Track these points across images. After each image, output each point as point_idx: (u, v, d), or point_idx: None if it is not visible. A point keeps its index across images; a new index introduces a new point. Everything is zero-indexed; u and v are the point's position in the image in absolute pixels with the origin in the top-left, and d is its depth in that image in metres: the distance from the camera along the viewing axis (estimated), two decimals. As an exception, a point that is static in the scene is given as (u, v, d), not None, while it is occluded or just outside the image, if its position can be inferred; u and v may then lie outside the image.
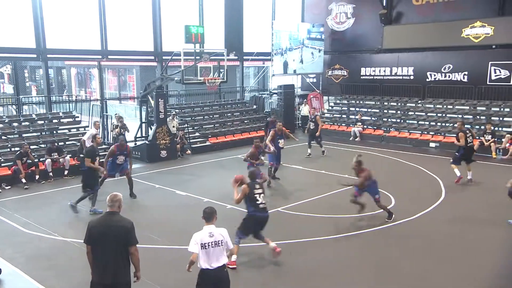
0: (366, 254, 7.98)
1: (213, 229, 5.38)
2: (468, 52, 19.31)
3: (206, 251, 5.22)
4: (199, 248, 5.21)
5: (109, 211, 5.13)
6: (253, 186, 7.52)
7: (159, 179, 13.23)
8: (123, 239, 4.99)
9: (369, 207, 10.25)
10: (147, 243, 8.39)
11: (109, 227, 4.99)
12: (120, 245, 4.98)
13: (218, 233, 5.36)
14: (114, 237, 4.95)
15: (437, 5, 20.46)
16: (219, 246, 5.30)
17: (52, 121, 15.45)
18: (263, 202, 7.53)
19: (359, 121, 20.30)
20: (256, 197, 7.46)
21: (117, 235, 4.96)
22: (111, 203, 5.13)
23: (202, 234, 5.33)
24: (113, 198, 5.17)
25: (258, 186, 7.60)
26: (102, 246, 4.95)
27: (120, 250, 5.00)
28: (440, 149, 17.32)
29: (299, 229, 9.10)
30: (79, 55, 18.75)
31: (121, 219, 5.13)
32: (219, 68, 16.56)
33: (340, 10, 23.91)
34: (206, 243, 5.24)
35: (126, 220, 5.14)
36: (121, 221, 5.10)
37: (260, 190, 7.57)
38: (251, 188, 7.47)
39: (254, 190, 7.46)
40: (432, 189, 11.83)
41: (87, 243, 5.03)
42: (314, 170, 14.12)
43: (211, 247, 5.24)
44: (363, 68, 22.85)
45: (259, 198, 7.48)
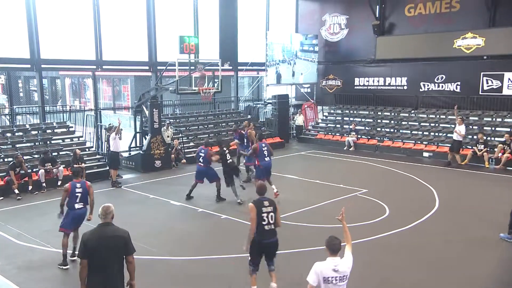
0: (359, 265, 7.95)
1: (338, 262, 4.72)
2: (460, 62, 19.52)
3: (327, 286, 4.65)
4: (320, 282, 4.64)
5: (103, 223, 5.10)
6: (260, 203, 6.32)
7: (153, 189, 13.17)
8: (122, 249, 5.00)
9: (364, 217, 10.26)
10: (141, 254, 8.32)
11: (106, 238, 4.96)
12: (118, 255, 4.99)
13: (344, 267, 4.72)
14: (112, 248, 4.92)
15: (429, 16, 20.73)
16: (344, 281, 4.71)
17: (46, 131, 15.38)
18: (271, 223, 6.30)
19: (353, 131, 20.39)
20: (263, 217, 6.25)
21: (115, 246, 4.95)
22: (104, 215, 5.12)
23: (324, 266, 4.68)
24: (106, 209, 5.16)
25: (268, 203, 6.34)
26: (99, 258, 4.88)
27: (118, 261, 4.99)
28: (434, 159, 17.41)
29: (294, 239, 9.07)
30: (74, 65, 18.74)
31: (117, 229, 5.13)
32: (214, 78, 16.61)
33: (333, 21, 24.15)
34: (329, 277, 4.64)
35: (121, 230, 5.13)
36: (117, 231, 5.09)
37: (270, 209, 6.31)
38: (258, 206, 6.28)
39: (262, 208, 6.27)
40: (425, 199, 11.87)
41: (82, 257, 4.94)
42: (308, 180, 14.13)
43: (334, 283, 4.65)
44: (356, 78, 23.01)
45: (267, 218, 6.26)
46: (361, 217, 10.24)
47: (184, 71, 15.77)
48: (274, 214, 6.30)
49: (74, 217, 7.79)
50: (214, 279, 7.36)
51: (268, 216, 6.25)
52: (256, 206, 6.24)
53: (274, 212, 6.31)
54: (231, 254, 8.27)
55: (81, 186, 7.80)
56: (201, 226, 9.96)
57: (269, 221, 6.25)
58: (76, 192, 7.73)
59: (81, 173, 8.35)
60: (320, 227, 9.73)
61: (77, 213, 7.79)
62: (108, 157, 14.61)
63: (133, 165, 15.77)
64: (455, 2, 19.81)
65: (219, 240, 9.08)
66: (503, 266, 8.00)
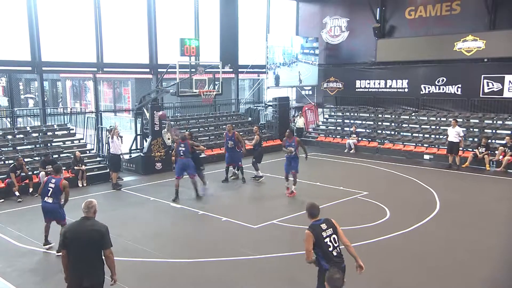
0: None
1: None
2: (461, 65, 19.54)
3: None
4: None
5: (84, 217, 5.31)
6: (317, 228, 5.42)
7: (154, 191, 13.17)
8: (97, 243, 5.15)
9: (364, 220, 10.26)
10: (142, 256, 8.34)
11: (83, 232, 5.18)
12: (94, 248, 5.15)
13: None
14: (87, 241, 5.12)
15: (429, 19, 20.76)
16: None
17: (47, 133, 15.40)
18: (336, 246, 5.42)
19: (354, 133, 20.40)
20: (326, 243, 5.36)
21: (91, 239, 5.13)
22: (86, 209, 5.33)
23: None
24: (89, 204, 5.36)
25: (325, 225, 5.48)
26: (75, 250, 5.14)
27: (94, 254, 5.16)
28: (434, 161, 17.40)
29: (296, 241, 9.06)
30: (75, 67, 18.77)
31: (95, 223, 5.29)
32: (214, 81, 16.63)
33: (334, 23, 24.19)
34: None
35: (100, 224, 5.29)
36: (95, 225, 5.25)
37: (330, 231, 5.44)
38: (316, 232, 5.37)
39: (322, 233, 5.38)
40: (426, 201, 11.86)
41: (61, 247, 5.30)
42: (309, 182, 14.13)
43: None
44: (358, 80, 23.04)
45: (331, 242, 5.39)
46: (362, 220, 10.24)
47: (184, 73, 15.80)
48: (336, 235, 5.48)
49: (43, 208, 8.44)
50: (214, 282, 7.35)
51: (331, 239, 5.41)
52: (314, 233, 5.34)
53: (336, 232, 5.49)
54: (232, 257, 8.28)
55: (55, 182, 8.21)
56: (202, 229, 9.96)
57: (334, 245, 5.40)
58: (48, 186, 8.26)
59: (61, 170, 8.82)
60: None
61: (45, 206, 8.38)
62: (108, 159, 14.62)
63: (134, 167, 15.77)
64: (456, 4, 19.85)
65: (219, 243, 9.08)
66: (505, 269, 7.98)
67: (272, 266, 7.94)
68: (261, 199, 12.54)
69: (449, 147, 16.34)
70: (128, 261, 8.11)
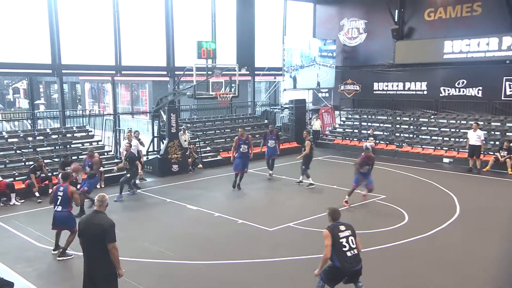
0: (380, 271, 7.87)
1: None
2: (482, 67, 19.20)
3: None
4: None
5: (95, 210, 5.69)
6: (335, 228, 5.87)
7: (171, 193, 13.28)
8: (100, 236, 5.42)
9: (382, 224, 10.15)
10: (158, 257, 8.41)
11: (91, 224, 5.55)
12: (98, 242, 5.43)
13: None
14: (92, 234, 5.48)
15: (449, 20, 20.47)
16: None
17: (66, 135, 15.67)
18: (353, 247, 5.80)
19: (371, 136, 20.22)
20: (341, 243, 5.75)
21: (95, 232, 5.45)
22: (99, 203, 5.69)
23: None
24: (102, 198, 5.72)
25: (344, 227, 5.89)
26: (84, 241, 5.59)
27: (99, 247, 5.44)
28: (454, 165, 17.13)
29: (312, 244, 9.03)
30: (94, 70, 19.09)
31: (102, 218, 5.59)
32: (231, 83, 16.70)
33: (352, 25, 24.06)
34: None
35: (106, 219, 5.58)
36: (102, 219, 5.56)
37: (348, 232, 5.85)
38: (334, 231, 5.82)
39: (338, 233, 5.80)
40: (446, 206, 11.68)
41: (78, 236, 5.75)
42: (326, 185, 14.06)
43: None
44: (375, 83, 22.86)
45: (347, 243, 5.77)
46: (380, 224, 10.14)
47: (201, 76, 15.90)
48: (354, 238, 5.84)
49: (54, 217, 8.46)
50: (230, 285, 7.37)
51: (348, 240, 5.78)
52: (331, 232, 5.79)
53: (354, 235, 5.86)
54: (248, 259, 8.28)
55: (63, 190, 8.34)
56: (218, 231, 9.99)
57: (350, 246, 5.77)
58: (57, 195, 8.35)
59: (70, 178, 8.88)
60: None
61: (56, 215, 8.43)
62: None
63: (151, 169, 15.93)
64: (477, 6, 19.54)
65: (235, 245, 9.09)
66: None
67: (288, 270, 7.92)
68: (276, 201, 12.52)
69: (471, 150, 16.05)
70: (144, 262, 8.19)
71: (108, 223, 5.52)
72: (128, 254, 8.05)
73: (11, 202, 12.20)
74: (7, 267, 7.94)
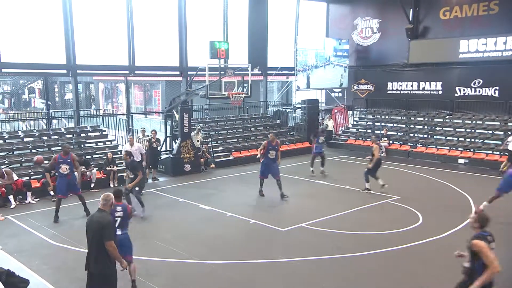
0: (393, 273, 7.83)
1: None
2: (499, 66, 18.92)
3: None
4: None
5: (99, 208, 5.77)
6: (484, 239, 5.15)
7: (183, 192, 13.36)
8: (98, 234, 5.53)
9: (396, 225, 10.08)
10: (171, 257, 8.48)
11: (92, 221, 5.68)
12: (96, 239, 5.55)
13: None
14: (92, 231, 5.60)
15: (465, 19, 20.23)
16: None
17: (80, 134, 15.87)
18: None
19: (385, 136, 20.08)
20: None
21: (94, 229, 5.56)
22: (103, 202, 5.77)
23: None
24: (106, 197, 5.81)
25: (491, 238, 5.24)
26: (87, 237, 5.71)
27: (98, 244, 5.54)
28: (470, 166, 16.92)
29: (324, 245, 9.02)
30: (107, 70, 19.30)
31: (103, 216, 5.66)
32: (243, 83, 16.75)
33: (365, 25, 23.92)
34: None
35: (106, 217, 5.68)
36: (102, 217, 5.63)
37: (493, 245, 5.22)
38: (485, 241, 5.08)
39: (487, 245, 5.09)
40: (461, 207, 11.53)
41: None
42: (339, 186, 14.01)
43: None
44: (389, 82, 22.69)
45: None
46: (393, 225, 10.08)
47: (214, 76, 15.96)
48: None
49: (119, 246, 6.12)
50: (242, 284, 7.40)
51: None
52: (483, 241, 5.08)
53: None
54: (259, 260, 8.31)
55: (122, 210, 6.70)
56: (230, 231, 10.02)
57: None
58: (115, 216, 6.55)
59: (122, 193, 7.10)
60: (351, 233, 9.65)
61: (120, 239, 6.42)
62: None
63: (163, 168, 16.05)
64: (494, 4, 19.26)
65: (247, 245, 9.12)
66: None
67: (300, 271, 7.92)
68: (288, 202, 12.51)
69: (510, 155, 14.88)
70: (157, 261, 8.27)
71: (106, 220, 5.61)
72: (141, 253, 8.13)
73: (27, 200, 12.42)
74: (23, 265, 8.08)
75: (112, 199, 5.85)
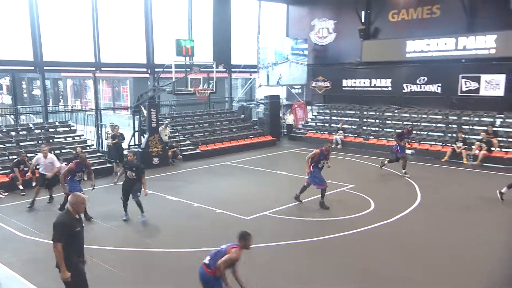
0: (344, 255, 8.03)
1: None
2: (441, 65, 19.66)
3: None
4: None
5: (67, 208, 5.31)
6: None
7: (151, 185, 13.06)
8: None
9: (350, 211, 10.34)
10: (140, 246, 8.35)
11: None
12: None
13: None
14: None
15: (411, 22, 20.88)
16: None
17: (49, 130, 15.28)
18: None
19: (341, 129, 20.49)
20: None
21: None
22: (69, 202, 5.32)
23: None
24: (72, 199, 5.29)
25: None
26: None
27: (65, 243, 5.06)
28: (416, 156, 17.53)
29: (286, 232, 9.12)
30: (75, 67, 18.64)
31: (59, 215, 5.28)
32: (209, 80, 16.61)
33: (322, 25, 24.21)
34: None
35: (58, 217, 5.21)
36: (57, 217, 5.21)
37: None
38: None
39: None
40: (408, 193, 11.97)
41: None
42: (299, 176, 14.16)
43: None
44: (344, 79, 23.12)
45: None
46: (348, 211, 10.33)
47: (180, 72, 15.74)
48: None
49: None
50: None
51: None
52: None
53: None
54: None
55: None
56: (197, 220, 9.96)
57: None
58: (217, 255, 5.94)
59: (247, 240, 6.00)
60: (310, 220, 9.81)
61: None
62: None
63: (132, 162, 15.68)
64: (436, 8, 19.99)
65: (214, 233, 9.09)
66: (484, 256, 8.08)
67: (265, 256, 7.98)
68: (252, 192, 12.56)
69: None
70: (127, 251, 8.12)
71: (57, 221, 5.08)
72: (111, 244, 7.97)
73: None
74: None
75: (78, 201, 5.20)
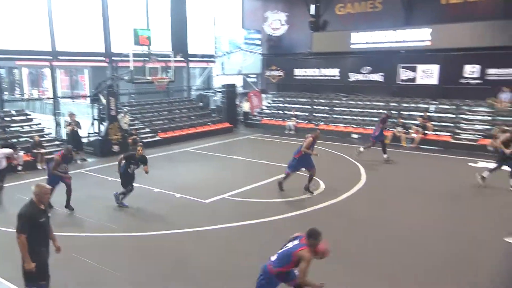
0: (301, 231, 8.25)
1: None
2: (383, 56, 20.33)
3: None
4: None
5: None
6: None
7: (112, 172, 12.75)
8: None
9: (303, 192, 10.60)
10: (103, 231, 8.17)
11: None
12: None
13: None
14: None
15: (356, 15, 21.38)
16: None
17: (4, 118, 14.41)
18: None
19: (293, 116, 20.80)
20: None
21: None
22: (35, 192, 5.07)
23: None
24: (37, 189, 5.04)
25: None
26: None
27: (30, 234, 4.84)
28: (361, 140, 18.17)
29: (243, 213, 9.24)
30: (30, 55, 17.55)
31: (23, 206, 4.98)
32: (167, 69, 16.25)
33: (275, 17, 24.24)
34: None
35: (22, 208, 4.95)
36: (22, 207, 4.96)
37: None
38: None
39: None
40: (354, 174, 12.45)
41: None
42: (255, 160, 14.32)
43: None
44: (296, 69, 23.39)
45: None
46: (300, 192, 10.59)
47: (138, 61, 15.29)
48: None
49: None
50: (171, 251, 7.37)
51: None
52: None
53: None
54: (186, 229, 8.31)
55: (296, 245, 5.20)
56: (158, 205, 9.86)
57: None
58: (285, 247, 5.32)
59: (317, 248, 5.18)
60: (265, 201, 9.98)
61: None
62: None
63: (92, 150, 15.18)
64: (378, 3, 20.56)
65: (175, 217, 9.06)
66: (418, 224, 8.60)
67: (222, 236, 8.08)
68: (211, 176, 12.56)
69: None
70: (90, 236, 7.92)
71: (20, 212, 4.89)
72: (75, 230, 7.76)
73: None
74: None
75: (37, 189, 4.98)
